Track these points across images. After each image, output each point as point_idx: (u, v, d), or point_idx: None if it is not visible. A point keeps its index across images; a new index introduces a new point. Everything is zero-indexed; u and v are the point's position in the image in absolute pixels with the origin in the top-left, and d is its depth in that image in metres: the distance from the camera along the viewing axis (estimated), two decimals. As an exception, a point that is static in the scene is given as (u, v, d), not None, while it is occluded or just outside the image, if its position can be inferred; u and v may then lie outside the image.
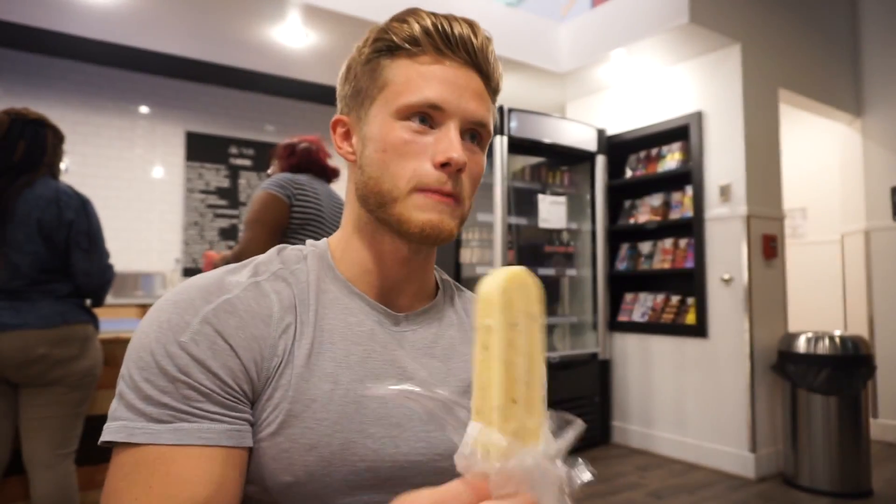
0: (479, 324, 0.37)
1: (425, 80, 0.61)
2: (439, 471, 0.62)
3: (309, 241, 0.69)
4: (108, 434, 0.51)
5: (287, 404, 0.56)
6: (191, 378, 0.52)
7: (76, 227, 1.84)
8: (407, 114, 0.61)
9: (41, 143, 1.86)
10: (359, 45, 0.67)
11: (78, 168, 4.37)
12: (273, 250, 0.67)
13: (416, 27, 0.62)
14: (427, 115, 0.61)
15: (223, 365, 0.53)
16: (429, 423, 0.62)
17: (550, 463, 0.34)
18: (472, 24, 0.64)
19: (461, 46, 0.62)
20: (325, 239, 0.70)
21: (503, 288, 0.36)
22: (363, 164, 0.64)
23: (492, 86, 0.67)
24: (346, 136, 0.68)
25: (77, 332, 1.84)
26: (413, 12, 0.64)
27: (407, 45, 0.62)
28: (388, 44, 0.63)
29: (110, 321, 2.90)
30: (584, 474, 0.35)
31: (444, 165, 0.60)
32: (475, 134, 0.64)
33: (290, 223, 2.13)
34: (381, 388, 0.40)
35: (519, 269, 0.38)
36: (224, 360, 0.54)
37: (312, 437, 0.56)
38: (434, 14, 0.64)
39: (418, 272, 0.68)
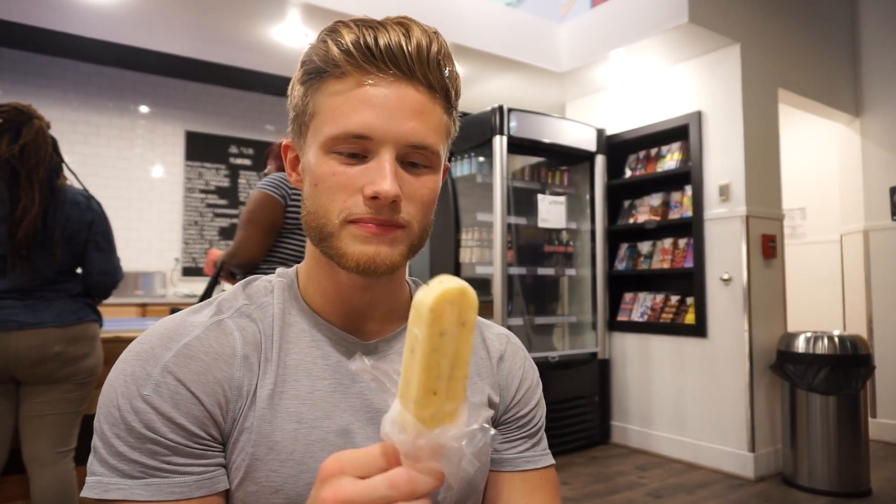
0: (409, 329, 0.41)
1: (350, 106, 0.56)
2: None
3: (279, 270, 0.68)
4: (87, 490, 0.52)
5: (251, 448, 0.56)
6: (156, 433, 0.52)
7: (95, 228, 1.89)
8: (333, 146, 0.57)
9: (56, 148, 1.88)
10: (297, 70, 0.62)
11: (78, 167, 4.35)
12: (239, 284, 0.66)
13: (335, 48, 0.56)
14: (356, 145, 0.56)
15: (187, 414, 0.53)
16: None
17: (456, 441, 0.39)
18: (405, 26, 0.57)
19: (389, 60, 0.55)
20: (295, 266, 0.69)
21: (433, 304, 0.38)
22: (304, 197, 0.61)
23: (441, 92, 0.59)
24: (296, 161, 0.65)
25: (88, 331, 1.87)
26: (334, 29, 0.57)
27: (329, 69, 0.57)
28: (313, 67, 0.58)
29: (110, 320, 2.90)
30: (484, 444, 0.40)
31: (374, 198, 0.55)
32: (418, 156, 0.58)
33: (284, 224, 2.13)
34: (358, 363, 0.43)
35: (453, 286, 0.39)
36: (188, 408, 0.53)
37: (277, 479, 0.56)
38: (359, 24, 0.56)
39: (383, 296, 0.65)
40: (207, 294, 2.31)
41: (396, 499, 0.38)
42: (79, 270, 1.93)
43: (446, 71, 0.59)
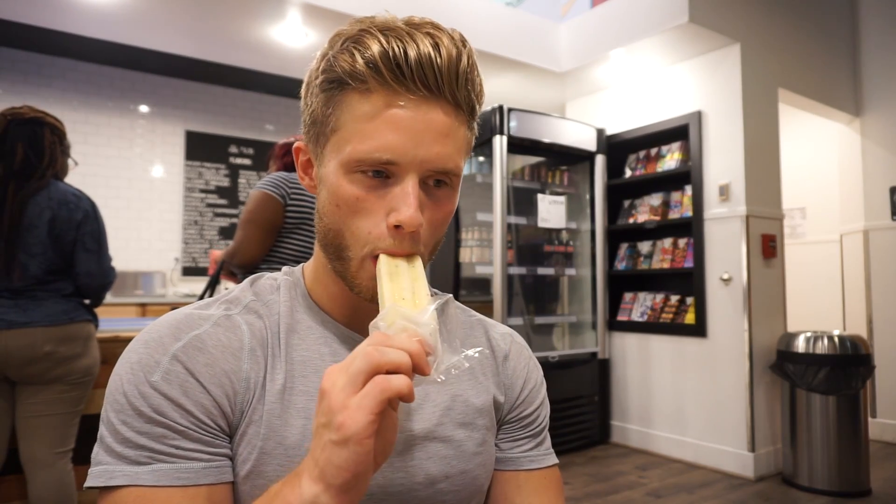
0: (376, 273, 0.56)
1: (376, 129, 0.54)
2: (419, 500, 0.60)
3: (284, 269, 0.68)
4: (91, 479, 0.52)
5: (260, 441, 0.56)
6: (165, 417, 0.52)
7: (83, 228, 1.87)
8: (356, 167, 0.55)
9: (39, 144, 1.87)
10: (314, 66, 0.59)
11: (78, 167, 4.36)
12: (246, 282, 0.66)
13: (360, 60, 0.53)
14: (380, 168, 0.55)
15: (196, 402, 0.53)
16: (404, 452, 0.61)
17: (424, 315, 0.48)
18: (434, 37, 0.54)
19: (418, 78, 0.53)
20: (301, 265, 0.69)
21: (385, 260, 0.56)
22: (320, 208, 0.60)
23: (466, 109, 0.58)
24: (308, 165, 0.64)
25: (81, 331, 1.85)
26: (359, 38, 0.54)
27: (353, 83, 0.54)
28: (335, 76, 0.55)
29: (110, 320, 2.90)
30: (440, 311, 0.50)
31: (397, 227, 0.55)
32: (440, 179, 0.58)
33: (284, 223, 2.13)
34: None
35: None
36: (196, 397, 0.53)
37: (285, 473, 0.55)
38: (387, 34, 0.53)
39: None
40: (207, 293, 2.31)
41: (373, 368, 0.43)
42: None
43: (473, 87, 0.58)
